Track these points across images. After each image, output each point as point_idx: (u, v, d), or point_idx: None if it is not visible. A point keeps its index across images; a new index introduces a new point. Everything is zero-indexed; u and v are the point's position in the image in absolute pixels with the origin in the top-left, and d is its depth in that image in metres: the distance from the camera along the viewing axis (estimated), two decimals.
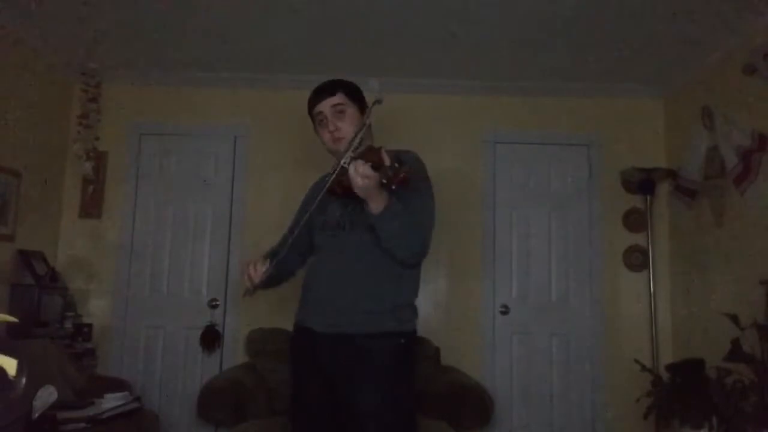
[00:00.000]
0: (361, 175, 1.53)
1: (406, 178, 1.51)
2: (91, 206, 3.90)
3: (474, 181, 3.95)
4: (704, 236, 3.43)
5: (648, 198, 3.72)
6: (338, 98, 1.89)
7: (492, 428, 3.37)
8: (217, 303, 3.85)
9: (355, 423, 1.75)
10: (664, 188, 3.83)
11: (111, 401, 2.80)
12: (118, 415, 2.74)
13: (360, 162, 1.55)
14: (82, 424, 2.56)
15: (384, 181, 1.51)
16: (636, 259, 3.86)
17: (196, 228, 3.93)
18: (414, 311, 1.89)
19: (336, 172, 1.70)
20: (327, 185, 1.75)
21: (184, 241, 3.92)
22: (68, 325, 3.50)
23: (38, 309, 3.32)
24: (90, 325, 3.65)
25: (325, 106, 1.89)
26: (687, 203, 3.56)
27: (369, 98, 1.97)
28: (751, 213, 2.99)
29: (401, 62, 3.72)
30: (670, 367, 3.00)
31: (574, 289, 3.90)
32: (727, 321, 2.69)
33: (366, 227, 1.75)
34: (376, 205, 1.62)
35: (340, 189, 1.71)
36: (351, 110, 1.90)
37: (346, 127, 1.86)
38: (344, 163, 1.66)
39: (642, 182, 3.68)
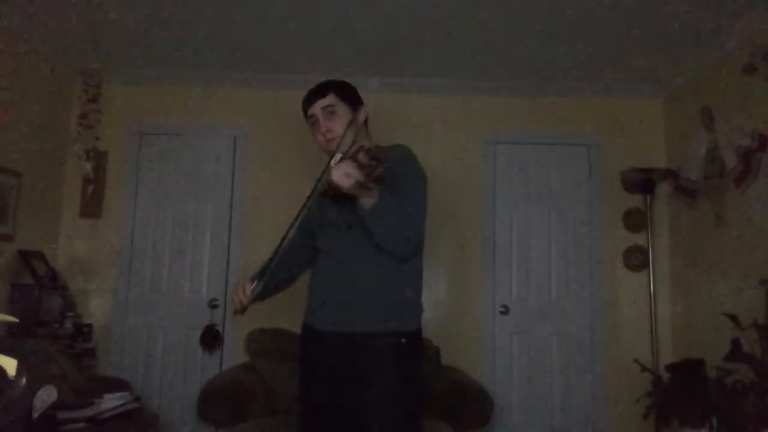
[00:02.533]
0: (344, 174, 1.53)
1: (381, 176, 1.54)
2: (91, 206, 3.90)
3: (474, 181, 3.95)
4: (704, 236, 3.43)
5: (648, 198, 3.72)
6: (328, 99, 1.89)
7: (492, 428, 3.37)
8: (217, 303, 3.85)
9: (360, 423, 1.75)
10: (664, 188, 3.83)
11: (111, 401, 2.80)
12: (118, 415, 2.74)
13: (343, 162, 1.57)
14: (82, 424, 2.55)
15: (361, 179, 1.53)
16: (636, 259, 3.86)
17: (196, 228, 3.93)
18: (417, 309, 1.88)
19: (323, 174, 1.70)
20: (318, 188, 1.74)
21: (184, 241, 3.92)
22: (68, 325, 3.50)
23: (38, 309, 3.33)
24: (90, 325, 3.66)
25: (316, 108, 1.89)
26: (687, 203, 3.56)
27: (369, 100, 1.98)
28: (751, 213, 2.99)
29: (401, 62, 3.72)
30: (670, 367, 3.00)
31: (574, 289, 3.90)
32: (727, 321, 2.69)
33: (355, 228, 1.78)
34: (368, 200, 1.62)
35: (331, 190, 1.69)
36: (342, 110, 1.89)
37: (337, 127, 1.86)
38: (332, 165, 1.66)
39: (642, 182, 3.68)
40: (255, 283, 1.84)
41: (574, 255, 3.92)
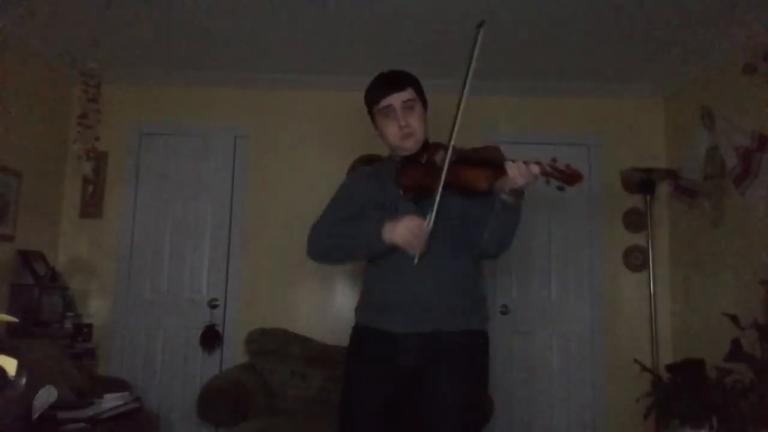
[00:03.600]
0: (530, 174, 1.61)
1: (580, 175, 1.59)
2: (91, 206, 3.90)
3: None
4: (704, 236, 3.43)
5: (648, 198, 3.71)
6: (409, 93, 1.85)
7: (492, 428, 3.36)
8: (217, 303, 3.85)
9: (431, 422, 1.71)
10: (664, 188, 3.82)
11: (111, 401, 2.80)
12: (118, 415, 2.74)
13: (520, 162, 1.63)
14: (82, 424, 2.55)
15: (555, 180, 1.60)
16: (636, 259, 3.85)
17: (196, 228, 3.93)
18: (487, 311, 1.89)
19: (445, 167, 1.72)
20: (442, 181, 1.71)
21: (184, 241, 3.92)
22: (68, 325, 3.49)
23: (38, 309, 3.32)
24: (90, 325, 3.65)
25: (396, 99, 1.83)
26: (687, 203, 3.56)
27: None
28: (751, 213, 2.99)
29: (402, 62, 3.70)
30: (670, 367, 3.00)
31: (574, 289, 3.90)
32: (727, 321, 2.69)
33: (448, 224, 1.76)
34: (515, 198, 1.70)
35: (461, 186, 1.73)
36: (418, 107, 1.88)
37: (416, 124, 1.84)
38: (448, 161, 1.71)
39: (642, 182, 3.68)
40: (428, 218, 1.71)
41: (574, 255, 3.92)
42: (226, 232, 3.92)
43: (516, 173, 1.63)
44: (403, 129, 1.83)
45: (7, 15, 3.12)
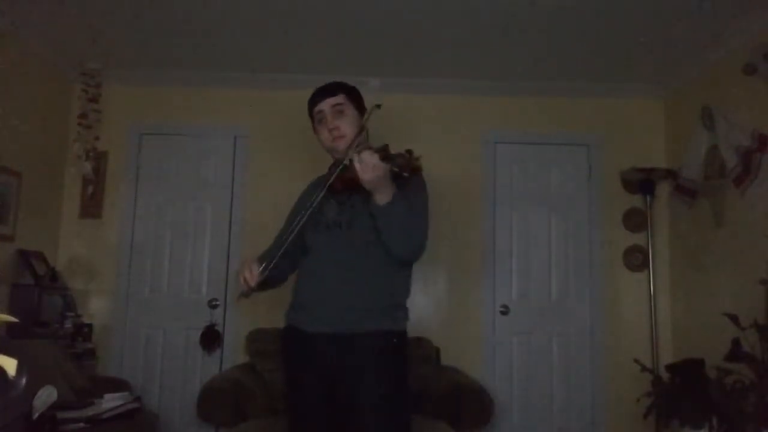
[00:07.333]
0: (370, 165, 1.57)
1: (418, 166, 1.56)
2: (91, 206, 3.90)
3: (474, 181, 3.95)
4: (704, 236, 3.43)
5: (648, 198, 3.72)
6: (339, 98, 1.92)
7: (492, 428, 3.37)
8: (217, 303, 3.85)
9: (353, 421, 1.75)
10: (664, 188, 3.83)
11: (111, 401, 2.80)
12: (118, 415, 2.74)
13: (367, 152, 1.59)
14: (82, 424, 2.56)
15: (396, 169, 1.55)
16: (636, 259, 3.86)
17: (196, 228, 3.93)
18: (406, 312, 1.91)
19: (339, 168, 1.75)
20: (329, 181, 1.77)
21: (184, 241, 3.92)
22: (68, 325, 3.49)
23: (38, 309, 3.32)
24: (90, 325, 3.65)
25: (326, 105, 1.92)
26: (687, 203, 3.56)
27: (369, 100, 1.98)
28: (751, 213, 2.99)
29: (401, 62, 3.72)
30: (670, 367, 3.00)
31: (574, 289, 3.90)
32: (727, 321, 2.68)
33: (363, 226, 1.78)
34: (383, 196, 1.65)
35: (341, 184, 1.74)
36: (350, 111, 1.93)
37: (345, 126, 1.89)
38: (347, 160, 1.70)
39: (642, 182, 3.68)
40: (263, 265, 1.79)
41: (574, 255, 3.92)
42: (226, 232, 3.92)
43: (359, 167, 1.59)
44: (332, 132, 1.89)
45: (7, 14, 3.12)
